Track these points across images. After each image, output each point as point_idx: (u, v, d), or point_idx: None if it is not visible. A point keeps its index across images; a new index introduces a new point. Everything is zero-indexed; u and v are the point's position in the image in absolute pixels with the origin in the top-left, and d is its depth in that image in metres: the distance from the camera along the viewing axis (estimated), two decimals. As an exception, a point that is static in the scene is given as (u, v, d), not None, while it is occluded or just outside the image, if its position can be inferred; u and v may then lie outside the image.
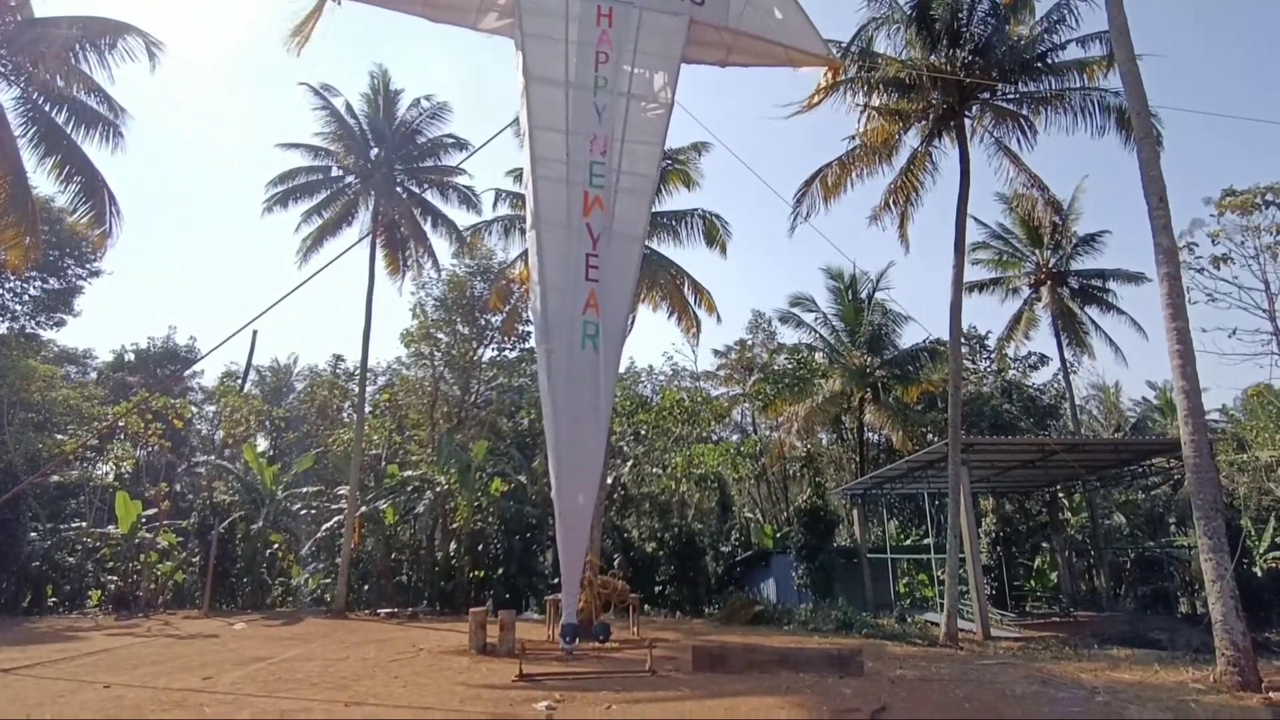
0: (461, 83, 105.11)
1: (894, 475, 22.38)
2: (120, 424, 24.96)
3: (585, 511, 8.97)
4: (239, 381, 37.79)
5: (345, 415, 32.41)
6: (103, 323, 66.62)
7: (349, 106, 23.47)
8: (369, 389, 29.14)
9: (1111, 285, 27.42)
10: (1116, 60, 10.60)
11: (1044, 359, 31.40)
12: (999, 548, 24.52)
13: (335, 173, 23.81)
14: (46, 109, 14.87)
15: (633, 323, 21.97)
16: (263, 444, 34.54)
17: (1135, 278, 26.86)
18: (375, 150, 23.69)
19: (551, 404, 8.94)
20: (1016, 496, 27.31)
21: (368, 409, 27.88)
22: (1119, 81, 11.31)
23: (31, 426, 23.78)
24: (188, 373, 37.82)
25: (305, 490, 25.98)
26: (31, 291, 29.00)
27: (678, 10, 11.14)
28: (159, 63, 14.75)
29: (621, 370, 23.46)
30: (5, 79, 14.77)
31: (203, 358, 44.06)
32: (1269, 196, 18.39)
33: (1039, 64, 15.92)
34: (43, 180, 15.58)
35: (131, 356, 38.19)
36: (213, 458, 31.21)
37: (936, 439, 24.31)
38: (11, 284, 28.19)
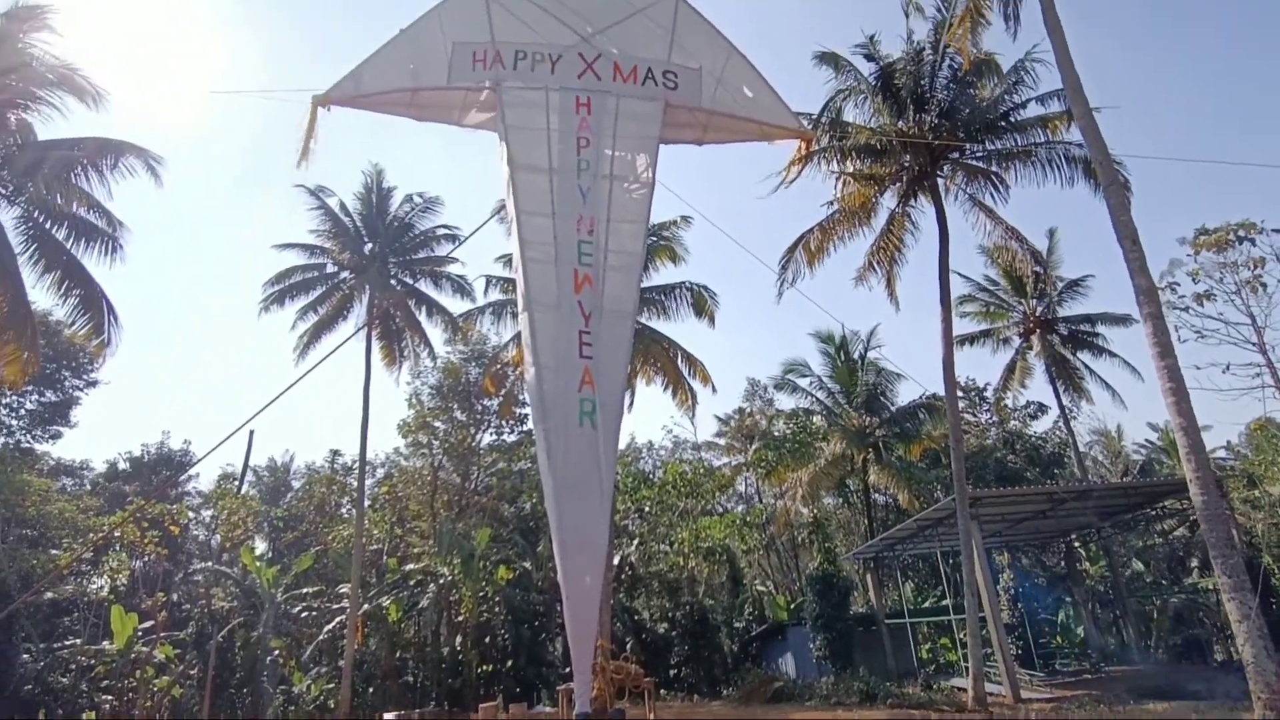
0: (448, 173, 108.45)
1: (904, 536, 22.00)
2: (116, 534, 24.54)
3: (593, 594, 8.73)
4: (236, 483, 37.39)
5: (344, 511, 31.98)
6: (98, 432, 66.36)
7: (343, 205, 24.16)
8: (368, 482, 28.84)
9: (1100, 329, 27.69)
10: (1074, 115, 11.08)
11: (1043, 407, 31.44)
12: (1020, 604, 23.88)
13: (330, 269, 24.27)
14: (47, 226, 15.26)
15: (631, 400, 21.99)
16: (261, 546, 33.93)
17: (1122, 320, 27.15)
18: (369, 245, 24.23)
19: (552, 484, 8.84)
20: (1032, 550, 26.80)
21: (367, 503, 27.52)
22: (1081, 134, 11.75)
23: (26, 543, 23.36)
24: (183, 477, 37.44)
25: (306, 591, 25.36)
26: (28, 405, 29.02)
27: (653, 95, 11.60)
28: (160, 178, 15.29)
29: (622, 447, 23.34)
30: (7, 199, 15.22)
31: (198, 461, 43.71)
32: (1241, 233, 18.83)
33: (1003, 123, 16.61)
34: (42, 295, 15.77)
35: (126, 465, 37.89)
36: (210, 563, 30.54)
37: (944, 496, 24.05)
38: (8, 399, 28.22)
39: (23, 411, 29.04)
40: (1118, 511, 21.20)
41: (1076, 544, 26.33)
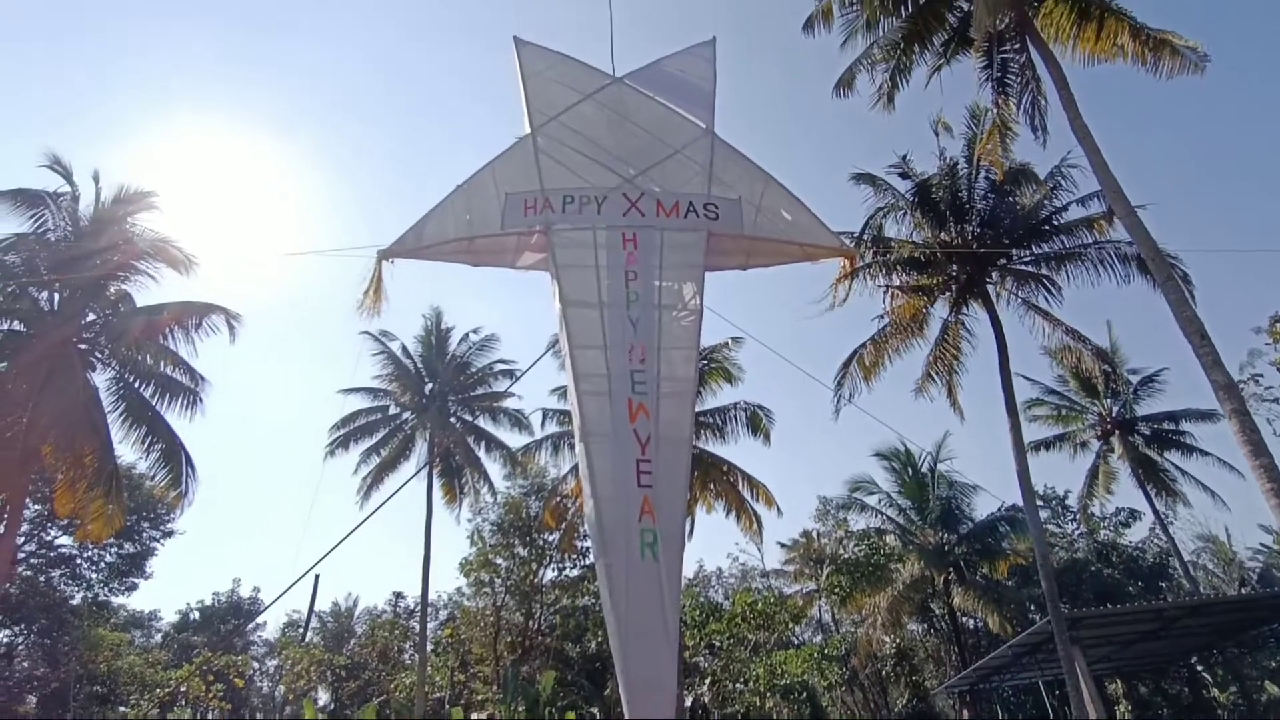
0: (501, 311, 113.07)
1: (1000, 664, 20.15)
2: (182, 689, 24.37)
3: (664, 739, 8.15)
4: (300, 630, 37.13)
5: (407, 657, 31.19)
6: (170, 580, 67.54)
7: (404, 348, 25.30)
8: (430, 625, 28.27)
9: (1186, 426, 26.12)
10: (1117, 215, 11.04)
11: (1135, 514, 29.32)
12: (1144, 741, 21.29)
13: (393, 411, 25.08)
14: (135, 385, 16.33)
15: (691, 528, 21.48)
16: (324, 697, 33.09)
17: (1208, 415, 25.60)
18: (430, 385, 25.09)
19: (616, 621, 8.47)
20: (1149, 677, 24.15)
21: (430, 646, 26.85)
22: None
23: (96, 700, 23.35)
24: (249, 626, 37.43)
25: (366, 746, 24.34)
26: (108, 558, 29.88)
27: (696, 226, 12.07)
28: (238, 334, 16.38)
29: (688, 575, 22.47)
30: (102, 363, 16.44)
31: (264, 610, 43.82)
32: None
33: (1046, 227, 16.63)
34: (126, 449, 16.62)
35: (196, 615, 38.23)
36: (276, 716, 29.85)
37: (1038, 617, 22.14)
38: (90, 552, 29.15)
39: (102, 564, 29.89)
40: (1241, 628, 19.10)
41: (1199, 668, 23.65)
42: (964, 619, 27.35)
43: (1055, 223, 16.60)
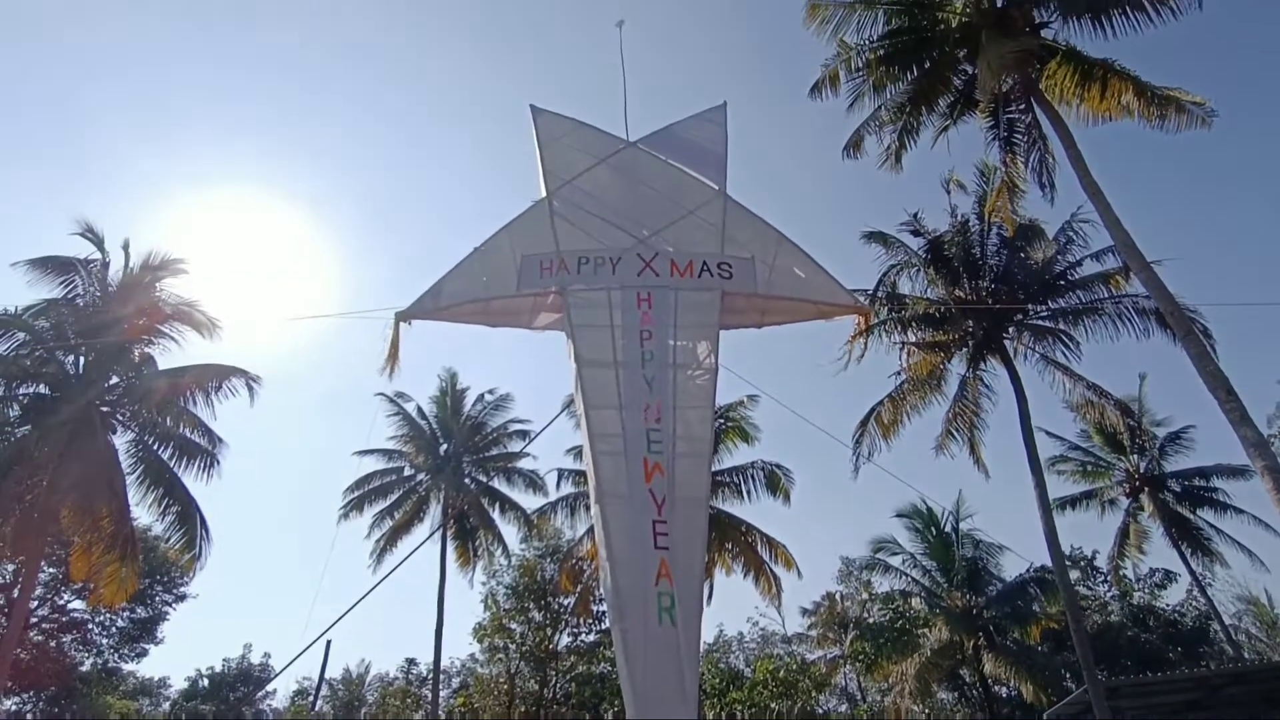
0: (515, 370, 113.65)
1: (1037, 736, 19.20)
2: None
3: (684, 813, 7.78)
4: (310, 698, 36.25)
5: (419, 726, 30.28)
6: (180, 645, 66.56)
7: (419, 409, 25.37)
8: (443, 693, 27.50)
9: (1217, 483, 25.36)
10: (1133, 270, 11.03)
11: (1170, 575, 28.28)
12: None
13: (408, 472, 25.00)
14: (154, 448, 16.44)
15: (710, 591, 20.96)
16: (333, 769, 32.09)
17: (1240, 472, 24.84)
18: (444, 446, 25.06)
19: (632, 690, 8.20)
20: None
21: (442, 715, 26.06)
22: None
23: (100, 774, 22.75)
24: (259, 694, 36.62)
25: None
26: (119, 623, 29.55)
27: (710, 286, 12.17)
28: (257, 396, 16.54)
29: (707, 641, 21.85)
30: (124, 425, 16.60)
31: (274, 678, 42.95)
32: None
33: (1061, 282, 16.61)
34: (141, 511, 16.61)
35: (206, 683, 37.49)
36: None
37: (1074, 685, 21.17)
38: (102, 617, 28.86)
39: (114, 629, 29.55)
40: (1290, 697, 18.13)
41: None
42: (996, 687, 26.20)
43: (1070, 278, 16.59)
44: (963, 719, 29.74)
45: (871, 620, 30.77)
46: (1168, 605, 28.08)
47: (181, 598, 30.51)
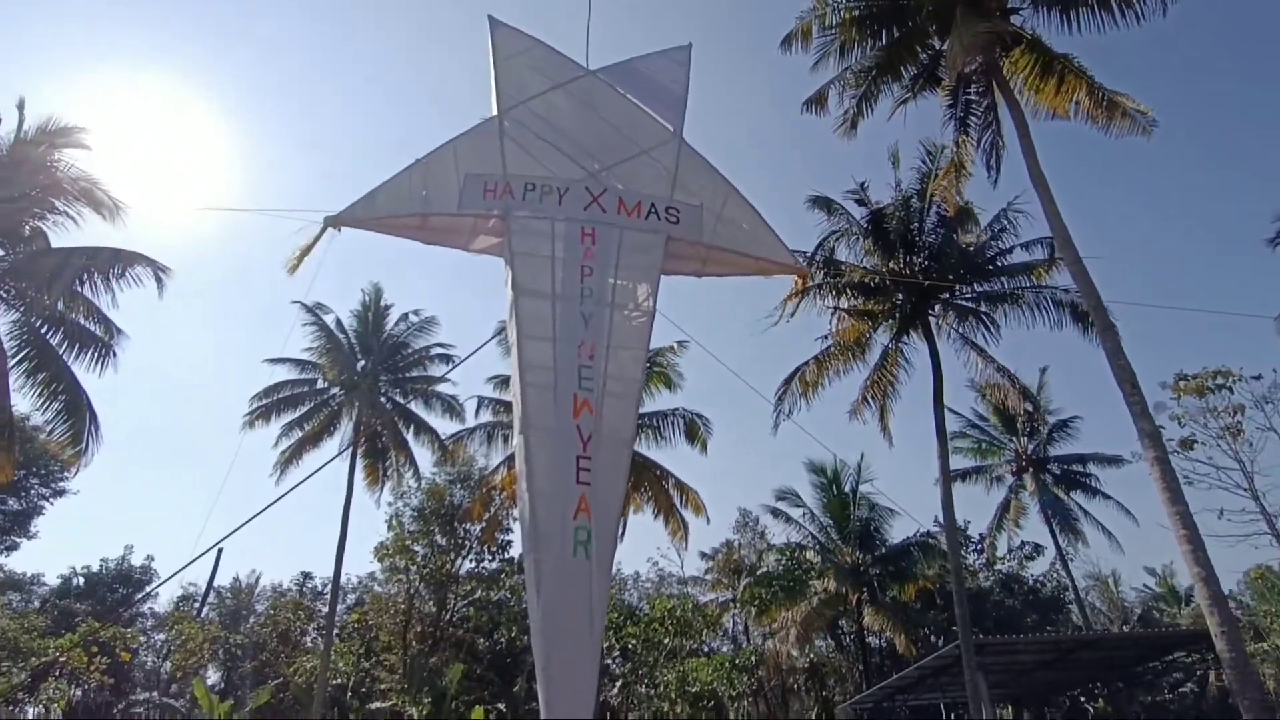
0: (443, 298, 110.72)
1: (905, 685, 20.77)
2: (62, 659, 22.81)
3: (581, 741, 8.01)
4: (196, 605, 35.36)
5: (309, 639, 30.05)
6: (57, 543, 63.43)
7: (339, 322, 24.37)
8: (338, 608, 27.30)
9: (1093, 469, 27.57)
10: (1065, 263, 11.57)
11: (1039, 548, 30.71)
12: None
13: (320, 385, 24.12)
14: (42, 331, 15.16)
15: (623, 530, 21.42)
16: (213, 676, 31.60)
17: (1114, 460, 27.07)
18: (362, 362, 24.24)
19: (541, 617, 8.28)
20: (1033, 704, 25.33)
21: (334, 631, 25.92)
22: (1066, 279, 12.17)
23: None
24: (139, 598, 35.42)
25: (260, 730, 23.33)
26: (-11, 514, 27.81)
27: (655, 229, 11.99)
28: (165, 288, 15.42)
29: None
30: (6, 303, 15.20)
31: (162, 582, 41.59)
32: (1219, 380, 19.09)
33: (990, 267, 17.29)
34: (22, 399, 15.40)
35: (81, 581, 35.91)
36: (156, 694, 28.29)
37: (938, 640, 22.91)
38: (-30, 507, 27.08)
39: (-17, 520, 27.80)
40: (1127, 663, 20.23)
41: (1082, 699, 24.95)
42: (869, 638, 28.12)
43: (999, 264, 17.29)
44: (835, 665, 31.82)
45: (766, 569, 32.26)
46: (1031, 575, 30.61)
47: (60, 493, 28.92)
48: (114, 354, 15.62)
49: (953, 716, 22.67)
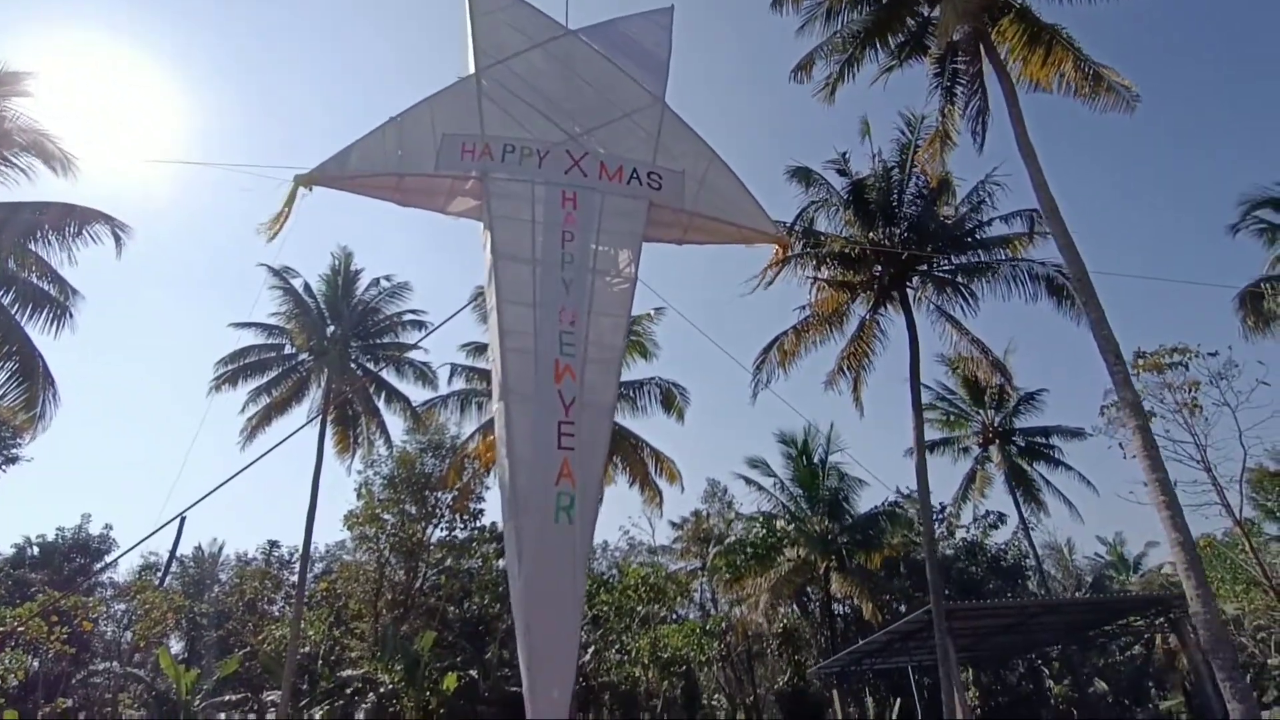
0: (417, 263, 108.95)
1: (874, 649, 21.27)
2: (20, 629, 22.23)
3: (561, 707, 7.95)
4: (159, 574, 34.72)
5: (277, 609, 29.73)
6: (10, 512, 61.71)
7: (307, 286, 23.73)
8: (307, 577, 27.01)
9: (1056, 441, 28.24)
10: (1051, 234, 11.62)
11: (1002, 517, 31.51)
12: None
13: (288, 350, 23.55)
14: (-10, 290, 14.46)
15: (601, 497, 21.39)
16: (176, 646, 31.18)
17: (1076, 433, 27.74)
18: (332, 328, 23.69)
19: (522, 585, 8.17)
20: (990, 667, 26.18)
21: (304, 600, 25.66)
22: (1041, 253, 12.26)
23: (-89, 637, 20.96)
24: (100, 567, 34.66)
25: (228, 699, 23.14)
26: (-63, 482, 26.78)
27: (637, 194, 11.76)
28: (125, 247, 14.77)
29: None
30: (-48, 263, 14.45)
31: (124, 553, 40.80)
32: (1175, 357, 19.51)
33: (968, 239, 17.37)
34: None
35: (36, 550, 35.00)
36: (116, 664, 27.81)
37: (903, 607, 23.44)
38: (-84, 473, 26.05)
39: (-70, 488, 26.79)
40: (1084, 628, 20.95)
41: (1038, 661, 25.84)
42: (834, 605, 28.71)
43: (978, 236, 17.38)
44: (801, 630, 32.49)
45: (737, 537, 32.64)
46: (994, 544, 31.44)
47: (13, 460, 27.89)
48: (70, 315, 15.00)
49: (916, 678, 23.30)
